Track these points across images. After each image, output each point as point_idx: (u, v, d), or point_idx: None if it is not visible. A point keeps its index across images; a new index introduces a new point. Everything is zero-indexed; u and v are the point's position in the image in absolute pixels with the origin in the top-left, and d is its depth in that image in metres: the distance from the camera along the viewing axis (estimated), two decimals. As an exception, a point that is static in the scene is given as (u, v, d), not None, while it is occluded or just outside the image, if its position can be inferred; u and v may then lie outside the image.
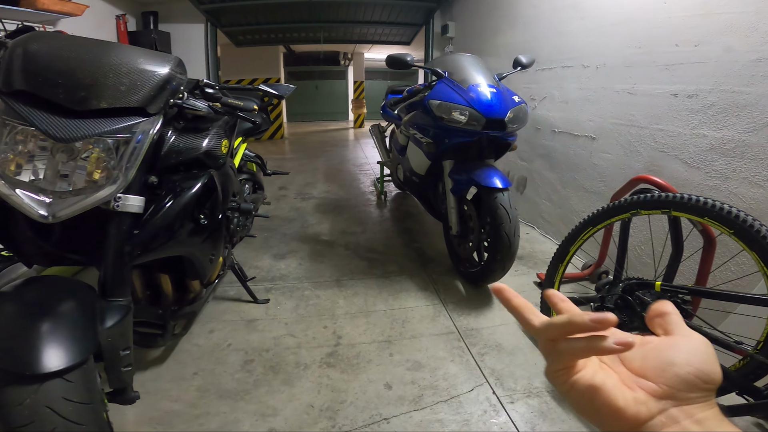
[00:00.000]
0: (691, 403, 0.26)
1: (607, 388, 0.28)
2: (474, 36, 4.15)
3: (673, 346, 0.29)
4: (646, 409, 0.26)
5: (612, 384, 0.28)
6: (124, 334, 0.90)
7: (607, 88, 2.30)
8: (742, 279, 1.48)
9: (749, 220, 1.09)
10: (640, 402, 0.27)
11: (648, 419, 0.26)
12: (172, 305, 1.36)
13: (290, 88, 1.61)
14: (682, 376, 0.27)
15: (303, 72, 11.74)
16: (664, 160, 1.93)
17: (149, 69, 0.94)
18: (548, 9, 2.84)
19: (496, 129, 1.87)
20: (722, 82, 1.66)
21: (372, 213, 3.46)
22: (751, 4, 1.55)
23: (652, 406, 0.26)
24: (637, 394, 0.27)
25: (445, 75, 2.04)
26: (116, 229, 0.90)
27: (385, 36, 6.95)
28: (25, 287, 0.87)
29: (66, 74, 0.85)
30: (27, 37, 0.89)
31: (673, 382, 0.27)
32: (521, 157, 3.21)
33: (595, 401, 0.28)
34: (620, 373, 0.29)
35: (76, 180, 0.83)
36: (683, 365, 0.27)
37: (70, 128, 0.81)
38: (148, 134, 0.91)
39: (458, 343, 1.70)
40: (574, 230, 1.55)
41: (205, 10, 4.89)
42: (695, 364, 0.27)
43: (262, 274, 2.28)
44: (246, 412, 1.33)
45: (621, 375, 0.29)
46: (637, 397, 0.27)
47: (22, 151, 0.82)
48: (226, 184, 1.29)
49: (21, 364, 0.71)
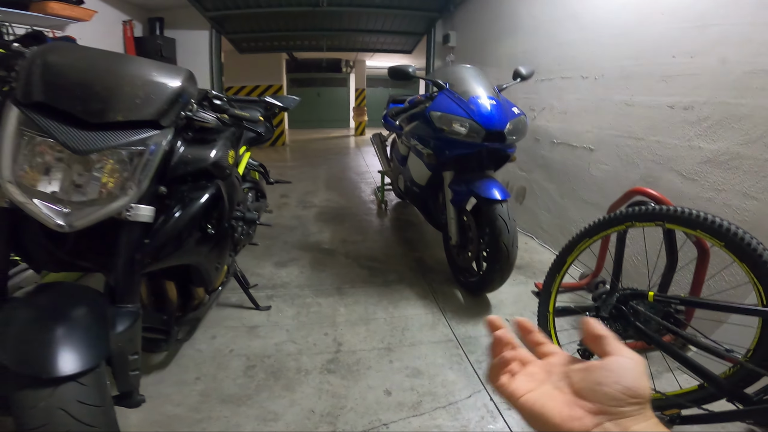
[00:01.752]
0: (625, 417, 0.30)
1: (545, 407, 0.33)
2: (475, 46, 4.21)
3: (604, 366, 0.33)
4: (580, 425, 0.31)
5: (553, 404, 0.33)
6: (133, 339, 0.93)
7: (605, 99, 2.33)
8: (737, 288, 1.50)
9: (740, 233, 1.12)
10: (576, 418, 0.31)
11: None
12: (177, 311, 1.39)
13: (295, 100, 1.65)
14: (611, 394, 0.31)
15: (305, 79, 11.84)
16: (661, 171, 1.96)
17: (162, 82, 0.97)
18: (548, 20, 2.88)
19: (495, 141, 1.91)
20: (717, 94, 1.68)
21: (373, 222, 3.49)
22: (746, 16, 1.57)
23: (588, 422, 0.31)
24: (574, 412, 0.32)
25: (446, 86, 2.07)
26: (127, 238, 0.93)
27: (387, 44, 7.04)
28: (39, 293, 0.90)
29: (83, 87, 0.87)
30: (45, 48, 0.91)
31: (604, 399, 0.31)
32: (521, 168, 3.24)
33: (537, 419, 0.34)
34: (565, 394, 0.34)
35: (91, 190, 0.87)
36: (611, 384, 0.31)
37: (88, 140, 0.83)
38: (160, 146, 0.94)
39: (457, 351, 1.73)
40: (570, 241, 1.58)
41: (210, 17, 4.97)
42: (623, 382, 0.31)
43: (264, 281, 2.31)
44: (248, 417, 1.35)
45: (565, 396, 0.34)
46: (572, 414, 0.32)
47: (40, 162, 0.85)
48: (232, 194, 1.32)
49: (37, 367, 0.74)
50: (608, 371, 0.32)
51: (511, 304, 2.10)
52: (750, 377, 1.10)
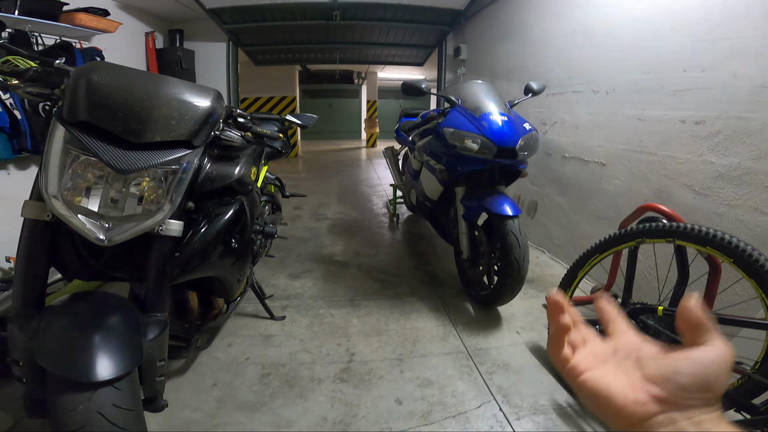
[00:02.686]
0: (692, 408, 0.29)
1: (609, 388, 0.32)
2: (485, 59, 4.23)
3: (689, 357, 0.31)
4: (644, 410, 0.30)
5: (617, 385, 0.32)
6: (161, 346, 0.98)
7: (617, 113, 2.33)
8: (749, 302, 1.50)
9: (748, 250, 1.14)
10: (640, 403, 0.30)
11: (646, 419, 0.30)
12: (197, 320, 1.44)
13: (313, 118, 1.71)
14: (687, 386, 0.29)
15: (318, 90, 11.96)
16: (673, 187, 1.95)
17: (195, 103, 1.02)
18: (558, 34, 2.90)
19: (507, 157, 1.93)
20: (729, 108, 1.68)
21: (384, 235, 3.53)
22: (756, 29, 1.57)
23: (651, 408, 0.30)
24: (639, 396, 0.30)
25: (458, 103, 2.11)
26: (159, 251, 0.99)
27: (399, 57, 7.12)
28: (74, 302, 0.96)
29: (125, 107, 0.91)
30: (89, 68, 0.95)
31: (677, 390, 0.29)
32: (532, 182, 3.24)
33: (599, 399, 0.32)
34: (632, 377, 0.32)
35: (128, 207, 0.92)
36: (687, 375, 0.30)
37: (129, 160, 0.88)
38: (192, 164, 0.99)
39: (467, 362, 1.75)
40: (581, 256, 1.60)
41: (227, 30, 5.11)
42: (705, 376, 0.29)
43: (279, 292, 2.36)
44: (262, 423, 1.39)
45: (632, 379, 0.32)
46: (637, 399, 0.30)
47: (84, 179, 0.91)
48: (253, 209, 1.37)
49: (77, 372, 0.79)
50: (693, 362, 0.30)
51: (522, 317, 2.12)
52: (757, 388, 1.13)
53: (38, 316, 0.90)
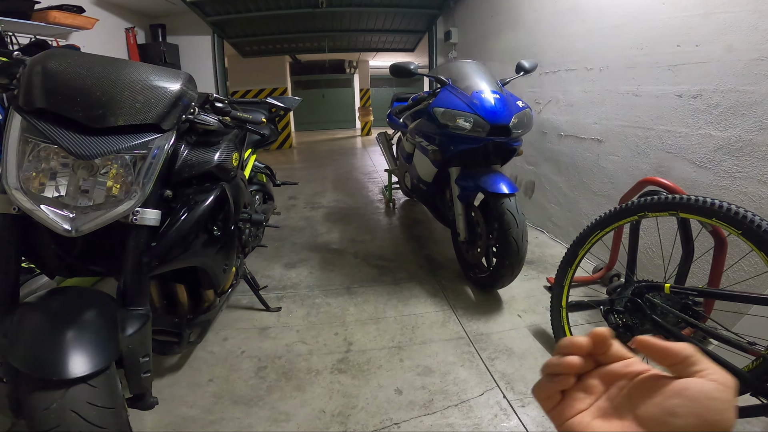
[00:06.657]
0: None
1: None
2: (477, 41, 4.19)
3: (682, 392, 0.26)
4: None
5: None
6: (143, 341, 0.93)
7: (611, 90, 2.30)
8: (758, 278, 1.47)
9: (757, 220, 1.09)
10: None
11: None
12: (188, 314, 1.40)
13: (296, 100, 1.65)
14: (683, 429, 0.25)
15: (309, 81, 11.87)
16: (672, 161, 1.93)
17: (162, 86, 0.97)
18: (549, 12, 2.86)
19: (500, 135, 1.89)
20: (725, 82, 1.66)
21: (381, 221, 3.49)
22: (749, 3, 1.55)
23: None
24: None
25: (448, 82, 2.06)
26: (134, 242, 0.94)
27: (389, 43, 7.04)
28: (50, 298, 0.91)
29: (84, 92, 0.87)
30: (45, 55, 0.91)
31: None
32: (528, 162, 3.21)
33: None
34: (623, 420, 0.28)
35: (96, 195, 0.87)
36: (686, 416, 0.25)
37: (91, 145, 0.84)
38: (163, 149, 0.94)
39: (468, 348, 1.71)
40: (582, 234, 1.55)
41: (211, 22, 5.01)
42: (705, 415, 0.25)
43: (274, 283, 2.32)
44: (259, 418, 1.36)
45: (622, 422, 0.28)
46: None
47: (45, 168, 0.86)
48: (238, 196, 1.32)
49: (48, 370, 0.75)
50: (687, 400, 0.25)
51: (522, 300, 2.08)
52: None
53: (11, 313, 0.85)
